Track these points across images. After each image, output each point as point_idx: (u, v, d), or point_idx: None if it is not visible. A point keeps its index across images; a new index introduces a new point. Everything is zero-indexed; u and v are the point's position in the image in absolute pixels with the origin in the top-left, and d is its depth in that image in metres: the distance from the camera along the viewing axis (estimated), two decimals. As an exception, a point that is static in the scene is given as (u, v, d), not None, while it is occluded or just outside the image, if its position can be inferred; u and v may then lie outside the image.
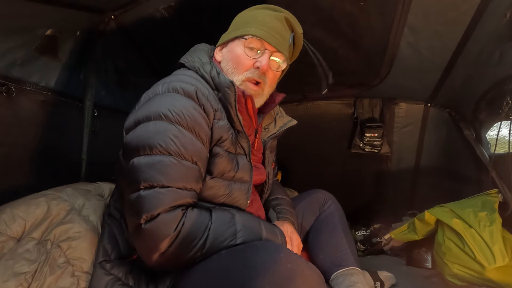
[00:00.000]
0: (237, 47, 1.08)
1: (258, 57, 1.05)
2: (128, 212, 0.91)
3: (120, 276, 0.99)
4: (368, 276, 1.27)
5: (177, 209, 0.87)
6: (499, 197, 1.38)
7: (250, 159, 1.08)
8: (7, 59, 1.22)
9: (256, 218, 1.01)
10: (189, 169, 0.90)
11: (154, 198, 0.85)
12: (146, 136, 0.90)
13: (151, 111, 0.92)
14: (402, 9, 1.33)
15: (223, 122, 1.01)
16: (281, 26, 1.07)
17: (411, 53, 1.55)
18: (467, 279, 1.27)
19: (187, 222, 0.86)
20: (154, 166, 0.87)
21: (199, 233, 0.87)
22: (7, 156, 1.26)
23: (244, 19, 1.11)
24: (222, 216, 0.93)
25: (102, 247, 1.06)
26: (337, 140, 2.15)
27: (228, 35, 1.12)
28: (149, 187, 0.86)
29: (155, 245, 0.84)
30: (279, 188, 1.37)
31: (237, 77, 1.07)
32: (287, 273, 0.76)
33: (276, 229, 1.02)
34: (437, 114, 1.93)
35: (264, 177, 1.23)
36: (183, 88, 0.96)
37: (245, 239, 0.90)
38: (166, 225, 0.84)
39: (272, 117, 1.26)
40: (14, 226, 1.04)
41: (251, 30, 1.05)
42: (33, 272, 0.96)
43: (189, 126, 0.92)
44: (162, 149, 0.88)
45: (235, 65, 1.07)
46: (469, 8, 1.27)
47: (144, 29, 1.63)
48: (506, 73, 1.32)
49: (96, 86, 1.61)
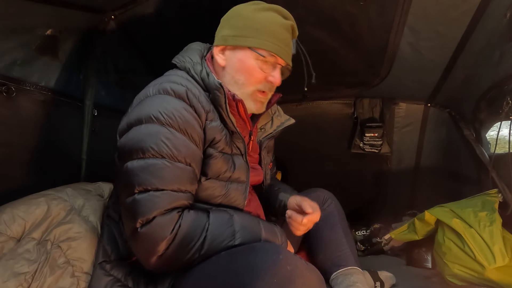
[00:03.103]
0: (249, 59, 1.03)
1: (271, 72, 1.05)
2: (125, 216, 0.91)
3: (120, 277, 0.99)
4: (368, 276, 1.27)
5: (173, 211, 0.87)
6: (499, 197, 1.38)
7: (246, 159, 1.08)
8: (7, 59, 1.22)
9: (256, 218, 1.01)
10: (183, 171, 0.90)
11: (149, 201, 0.85)
12: (138, 139, 0.89)
13: (142, 114, 0.91)
14: (402, 9, 1.33)
15: (216, 123, 1.00)
16: (289, 37, 1.06)
17: (411, 53, 1.55)
18: (467, 279, 1.27)
19: (183, 224, 0.86)
20: (147, 169, 0.86)
21: (196, 234, 0.87)
22: (7, 156, 1.26)
23: (253, 25, 1.03)
24: (220, 216, 0.93)
25: (102, 248, 1.06)
26: (337, 140, 2.15)
27: (235, 40, 1.05)
28: (143, 190, 0.86)
29: (152, 248, 0.84)
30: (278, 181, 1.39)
31: (249, 89, 1.05)
32: (286, 275, 0.75)
33: (276, 228, 1.01)
34: (437, 114, 1.93)
35: (261, 178, 1.23)
36: (173, 89, 0.95)
37: (243, 240, 0.90)
38: (162, 228, 0.84)
39: (269, 116, 1.25)
40: (14, 226, 1.04)
41: (268, 45, 1.02)
42: (33, 272, 0.96)
43: (181, 127, 0.91)
44: (154, 152, 0.87)
45: (247, 77, 1.05)
46: (469, 8, 1.27)
47: (144, 29, 1.63)
48: (506, 73, 1.32)
49: (96, 86, 1.61)
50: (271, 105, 1.20)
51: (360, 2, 1.32)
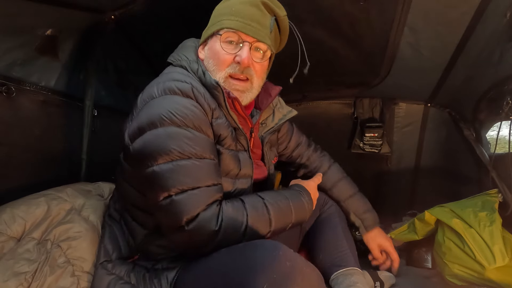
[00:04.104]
0: (215, 44, 1.03)
1: (238, 51, 1.00)
2: (164, 216, 0.91)
3: (122, 275, 1.00)
4: (368, 276, 1.27)
5: (213, 205, 0.89)
6: (499, 197, 1.38)
7: (250, 155, 1.09)
8: (7, 59, 1.22)
9: (283, 195, 1.03)
10: (211, 166, 0.93)
11: (190, 199, 0.87)
12: (158, 143, 0.89)
13: (154, 117, 0.91)
14: (402, 9, 1.33)
15: (222, 120, 1.01)
16: (258, 13, 1.00)
17: (411, 53, 1.55)
18: (467, 279, 1.27)
19: (225, 214, 0.89)
20: (178, 171, 0.88)
21: (238, 222, 0.90)
22: (7, 156, 1.26)
23: (218, 12, 1.05)
24: (254, 201, 0.96)
25: (103, 248, 1.06)
26: (337, 140, 2.15)
27: (206, 32, 1.08)
28: (181, 191, 0.87)
29: (202, 240, 0.88)
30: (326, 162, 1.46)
31: (220, 75, 1.03)
32: (286, 271, 0.76)
33: (302, 197, 1.06)
34: (437, 114, 1.93)
35: (265, 174, 1.22)
36: (179, 87, 0.95)
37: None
38: (208, 222, 0.87)
39: (271, 109, 1.23)
40: (14, 226, 1.05)
41: (225, 23, 1.00)
42: (33, 272, 0.96)
43: (196, 125, 0.93)
44: (179, 154, 0.89)
45: (215, 62, 1.03)
46: (469, 8, 1.27)
47: (144, 29, 1.63)
48: (506, 73, 1.32)
49: (96, 86, 1.61)
50: (272, 100, 1.18)
51: (360, 2, 1.32)
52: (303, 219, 1.05)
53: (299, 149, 1.44)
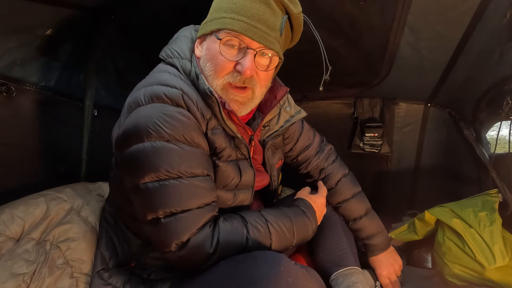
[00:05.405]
0: (214, 44, 0.87)
1: (240, 59, 0.86)
2: (153, 236, 0.86)
3: (118, 285, 0.98)
4: (368, 275, 1.27)
5: (205, 227, 0.83)
6: (499, 197, 1.38)
7: (251, 163, 1.02)
8: (7, 59, 1.22)
9: (285, 213, 0.95)
10: (202, 184, 0.85)
11: (179, 224, 0.80)
12: (144, 160, 0.81)
13: (140, 129, 0.81)
14: (402, 9, 1.32)
15: (218, 131, 0.92)
16: (267, 11, 0.84)
17: (411, 53, 1.55)
18: (467, 279, 1.27)
19: (222, 235, 0.83)
20: (165, 192, 0.80)
21: (237, 240, 0.84)
22: (7, 156, 1.26)
23: (220, 4, 0.89)
24: (255, 220, 0.89)
25: (100, 255, 1.05)
26: (337, 140, 2.13)
27: (204, 27, 0.92)
28: (169, 214, 0.80)
29: (198, 264, 0.83)
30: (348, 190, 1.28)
31: (217, 82, 0.89)
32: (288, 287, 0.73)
33: (305, 217, 0.98)
34: (437, 114, 1.93)
35: (267, 181, 1.16)
36: (167, 94, 0.84)
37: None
38: (200, 247, 0.81)
39: (277, 109, 1.09)
40: (13, 226, 1.04)
41: (226, 22, 0.84)
42: (31, 273, 0.96)
43: (186, 138, 0.83)
44: (167, 173, 0.80)
45: (213, 67, 0.89)
46: (469, 8, 1.27)
47: (144, 29, 1.63)
48: (506, 73, 1.32)
49: (96, 86, 1.61)
50: (277, 103, 1.05)
51: (360, 2, 1.31)
52: (305, 240, 0.98)
53: (306, 152, 1.28)
